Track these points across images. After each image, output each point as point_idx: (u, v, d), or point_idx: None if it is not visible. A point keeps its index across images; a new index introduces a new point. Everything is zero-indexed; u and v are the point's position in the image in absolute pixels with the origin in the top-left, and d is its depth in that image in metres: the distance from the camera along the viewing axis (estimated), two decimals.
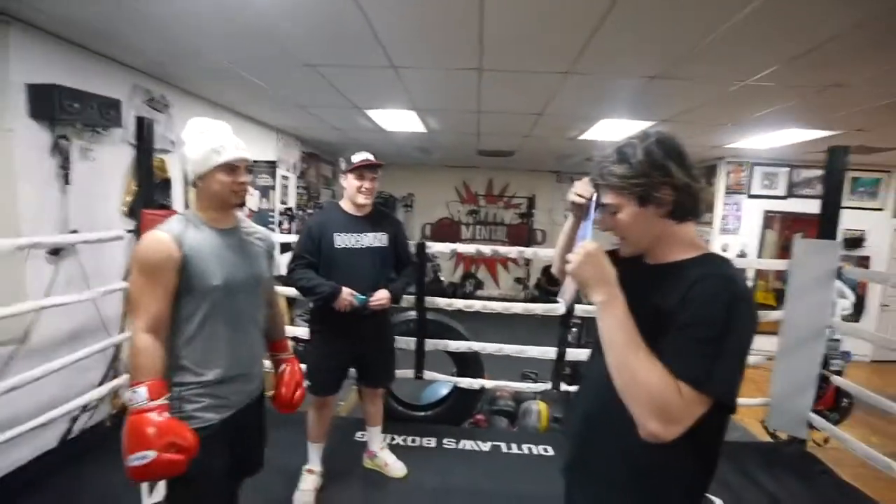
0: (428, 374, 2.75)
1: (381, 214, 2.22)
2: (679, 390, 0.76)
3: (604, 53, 2.32)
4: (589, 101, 3.29)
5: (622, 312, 0.83)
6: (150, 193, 2.67)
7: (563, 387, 2.69)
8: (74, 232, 2.39)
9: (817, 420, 2.37)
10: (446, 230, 8.20)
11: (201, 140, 1.27)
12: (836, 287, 2.32)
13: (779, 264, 2.52)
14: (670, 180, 0.85)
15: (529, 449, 2.61)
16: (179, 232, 1.24)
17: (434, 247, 2.73)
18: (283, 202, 5.68)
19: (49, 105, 2.23)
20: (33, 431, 2.02)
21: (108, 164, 2.68)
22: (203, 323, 1.26)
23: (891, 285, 4.93)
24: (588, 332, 3.50)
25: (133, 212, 2.76)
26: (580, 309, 2.57)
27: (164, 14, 2.05)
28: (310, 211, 6.18)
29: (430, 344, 2.71)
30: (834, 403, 2.66)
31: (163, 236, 1.22)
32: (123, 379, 2.52)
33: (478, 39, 2.23)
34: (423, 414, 3.07)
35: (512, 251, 2.90)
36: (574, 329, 3.74)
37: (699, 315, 0.79)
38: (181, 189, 3.48)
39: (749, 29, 1.93)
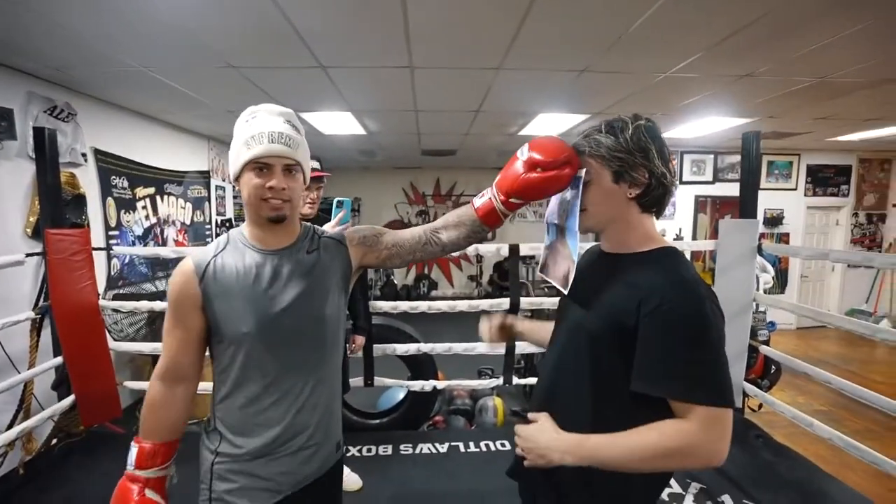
0: (378, 381, 2.68)
1: (319, 223, 2.13)
2: (679, 429, 0.76)
3: (531, 48, 2.35)
4: (523, 97, 3.33)
5: (594, 450, 0.81)
6: (57, 211, 2.42)
7: (516, 380, 2.70)
8: None
9: (750, 388, 2.52)
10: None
11: (240, 130, 0.97)
12: (758, 262, 2.47)
13: (708, 244, 2.67)
14: (649, 165, 0.85)
15: (487, 445, 2.60)
16: (206, 258, 0.97)
17: None
18: (221, 213, 5.40)
19: None
20: None
21: (4, 182, 2.41)
22: (239, 379, 0.97)
23: (803, 258, 5.39)
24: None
25: (39, 232, 2.50)
26: (526, 302, 2.59)
27: (62, 12, 1.86)
28: None
29: (379, 349, 2.64)
30: (763, 371, 2.85)
31: (185, 265, 0.97)
32: (35, 420, 2.26)
33: (404, 36, 2.19)
34: (379, 422, 2.99)
35: None
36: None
37: (668, 328, 0.77)
38: (99, 205, 3.21)
39: (664, 20, 2.01)
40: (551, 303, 2.61)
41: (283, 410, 0.97)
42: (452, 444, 2.62)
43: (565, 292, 0.93)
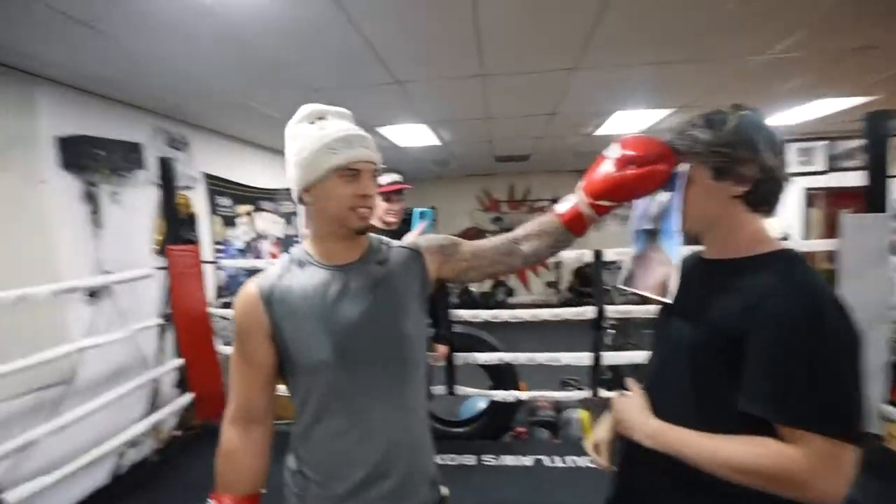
0: (460, 390, 2.68)
1: (400, 234, 2.20)
2: (783, 452, 0.66)
3: (609, 43, 2.24)
4: (600, 95, 3.19)
5: (676, 443, 0.76)
6: (176, 230, 2.76)
7: (604, 393, 2.57)
8: (106, 273, 2.48)
9: (892, 412, 2.16)
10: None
11: (308, 134, 0.87)
12: (893, 263, 2.13)
13: (827, 244, 2.33)
14: (757, 157, 0.76)
15: (573, 461, 2.50)
16: (271, 281, 0.89)
17: None
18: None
19: (77, 155, 2.35)
20: (83, 469, 2.08)
21: (136, 206, 2.79)
22: (319, 412, 0.87)
23: None
24: (626, 333, 3.35)
25: (164, 250, 2.86)
26: (613, 310, 2.46)
27: (167, 56, 2.12)
28: None
29: (461, 358, 2.65)
30: None
31: (248, 290, 0.89)
32: (164, 412, 2.58)
33: (475, 44, 2.20)
34: (461, 430, 3.00)
35: None
36: (611, 330, 3.60)
37: (781, 339, 0.67)
38: (207, 222, 3.59)
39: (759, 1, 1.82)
40: (639, 311, 2.45)
41: (370, 445, 0.87)
42: (537, 456, 2.55)
43: (668, 301, 0.85)
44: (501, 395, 2.67)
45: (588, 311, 2.44)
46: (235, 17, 1.80)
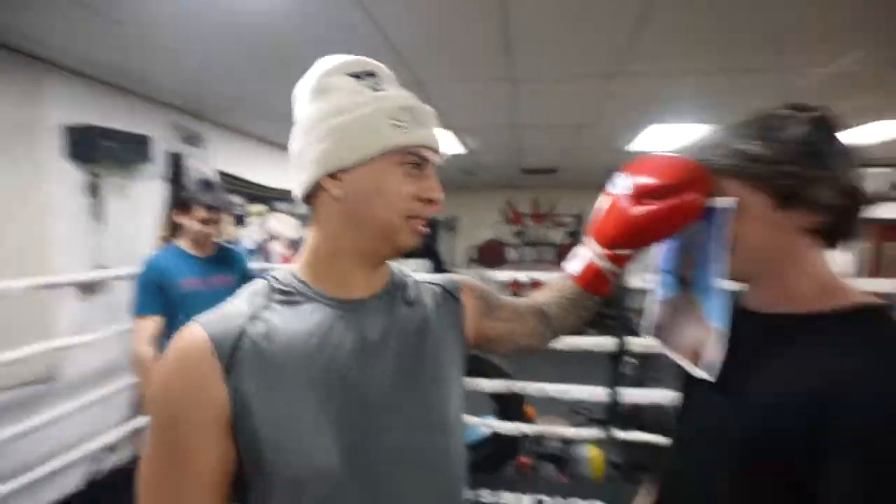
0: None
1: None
2: None
3: (650, 51, 2.03)
4: (639, 106, 2.97)
5: None
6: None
7: (620, 434, 2.32)
8: (102, 268, 2.40)
9: None
10: (493, 252, 7.97)
11: (356, 89, 0.58)
12: None
13: (891, 285, 2.03)
14: (835, 177, 0.56)
15: None
16: (239, 325, 0.54)
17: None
18: None
19: (84, 145, 2.28)
20: (58, 472, 1.98)
21: (141, 200, 2.72)
22: None
23: None
24: (649, 369, 3.06)
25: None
26: (637, 343, 2.21)
27: (182, 46, 2.03)
28: None
29: (467, 383, 2.45)
30: None
31: (194, 343, 0.52)
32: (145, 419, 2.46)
33: (504, 46, 2.03)
34: None
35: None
36: (632, 364, 3.32)
37: (873, 455, 0.46)
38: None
39: (823, 6, 1.58)
40: None
41: None
42: (538, 496, 2.32)
43: (704, 376, 0.62)
44: (505, 427, 2.45)
45: (608, 343, 2.20)
46: (255, 10, 1.70)
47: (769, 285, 0.62)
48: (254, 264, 2.52)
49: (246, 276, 2.00)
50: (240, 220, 3.89)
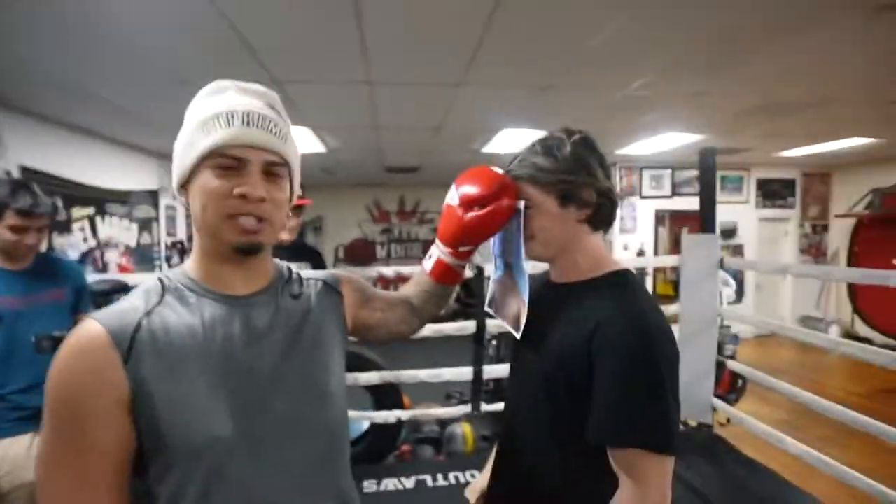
0: None
1: (292, 254, 2.00)
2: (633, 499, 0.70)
3: (490, 64, 2.31)
4: (486, 114, 3.31)
5: None
6: None
7: (485, 406, 2.60)
8: None
9: (719, 404, 2.51)
10: (361, 250, 7.94)
11: (197, 109, 0.64)
12: (721, 276, 2.49)
13: (671, 260, 2.67)
14: (595, 182, 0.78)
15: (456, 478, 2.47)
16: (135, 319, 0.59)
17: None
18: (171, 234, 5.09)
19: None
20: None
21: None
22: None
23: (763, 272, 5.61)
24: (506, 346, 3.47)
25: None
26: (493, 325, 2.50)
27: None
28: None
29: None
30: (730, 386, 2.87)
31: (92, 337, 0.56)
32: None
33: (360, 50, 2.11)
34: None
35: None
36: (492, 343, 3.71)
37: (618, 368, 0.70)
38: None
39: (619, 44, 2.02)
40: None
41: None
42: (419, 477, 2.47)
43: (517, 335, 0.85)
44: (382, 416, 2.56)
45: (469, 326, 2.45)
46: None
47: (563, 263, 0.85)
48: (93, 277, 2.10)
49: (82, 290, 1.74)
50: (61, 227, 3.27)
